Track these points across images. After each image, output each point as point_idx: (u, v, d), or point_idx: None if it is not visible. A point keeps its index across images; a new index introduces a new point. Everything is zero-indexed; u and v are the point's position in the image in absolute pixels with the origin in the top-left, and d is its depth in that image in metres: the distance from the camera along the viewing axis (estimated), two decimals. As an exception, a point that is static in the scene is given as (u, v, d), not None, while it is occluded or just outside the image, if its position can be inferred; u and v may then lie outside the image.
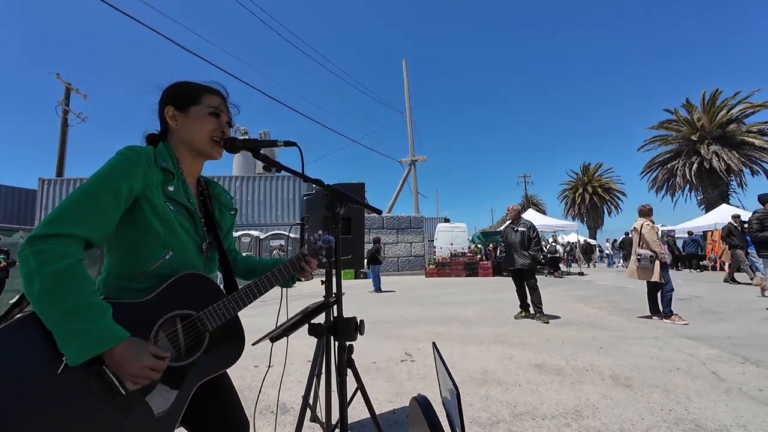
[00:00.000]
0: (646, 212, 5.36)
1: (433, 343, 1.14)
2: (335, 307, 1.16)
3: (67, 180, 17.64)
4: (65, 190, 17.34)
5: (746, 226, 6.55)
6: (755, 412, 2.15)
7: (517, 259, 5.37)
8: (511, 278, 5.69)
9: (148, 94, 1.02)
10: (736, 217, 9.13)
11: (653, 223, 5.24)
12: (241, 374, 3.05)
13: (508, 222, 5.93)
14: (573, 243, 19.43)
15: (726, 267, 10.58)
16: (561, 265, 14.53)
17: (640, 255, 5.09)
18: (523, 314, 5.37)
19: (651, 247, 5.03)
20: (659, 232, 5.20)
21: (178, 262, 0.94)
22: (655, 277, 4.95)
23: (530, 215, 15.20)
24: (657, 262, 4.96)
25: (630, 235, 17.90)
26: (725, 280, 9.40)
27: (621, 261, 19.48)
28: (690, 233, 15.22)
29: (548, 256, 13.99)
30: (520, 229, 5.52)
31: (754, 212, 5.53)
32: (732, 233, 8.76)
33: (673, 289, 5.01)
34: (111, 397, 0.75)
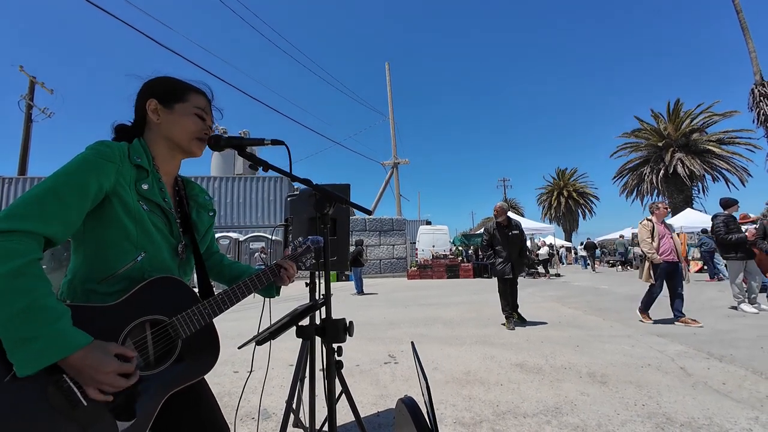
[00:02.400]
0: (652, 210, 4.96)
1: (412, 343, 1.14)
2: (323, 308, 1.15)
3: (30, 179, 16.65)
4: (28, 189, 16.42)
5: (709, 229, 6.65)
6: (719, 405, 2.27)
7: (516, 267, 4.90)
8: (498, 283, 5.05)
9: (124, 85, 0.97)
10: None
11: (651, 221, 4.93)
12: (219, 381, 2.95)
13: (494, 221, 5.25)
14: (550, 245, 20.05)
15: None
16: (540, 267, 14.97)
17: (636, 253, 5.02)
18: (516, 317, 4.96)
19: (640, 246, 4.85)
20: (654, 231, 4.85)
21: (151, 265, 0.89)
22: (644, 277, 4.76)
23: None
24: (646, 263, 4.76)
25: (591, 240, 18.53)
26: None
27: (588, 262, 20.06)
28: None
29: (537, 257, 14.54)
30: (514, 232, 4.97)
31: (716, 216, 5.46)
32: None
33: (658, 293, 4.78)
34: (70, 409, 0.69)
